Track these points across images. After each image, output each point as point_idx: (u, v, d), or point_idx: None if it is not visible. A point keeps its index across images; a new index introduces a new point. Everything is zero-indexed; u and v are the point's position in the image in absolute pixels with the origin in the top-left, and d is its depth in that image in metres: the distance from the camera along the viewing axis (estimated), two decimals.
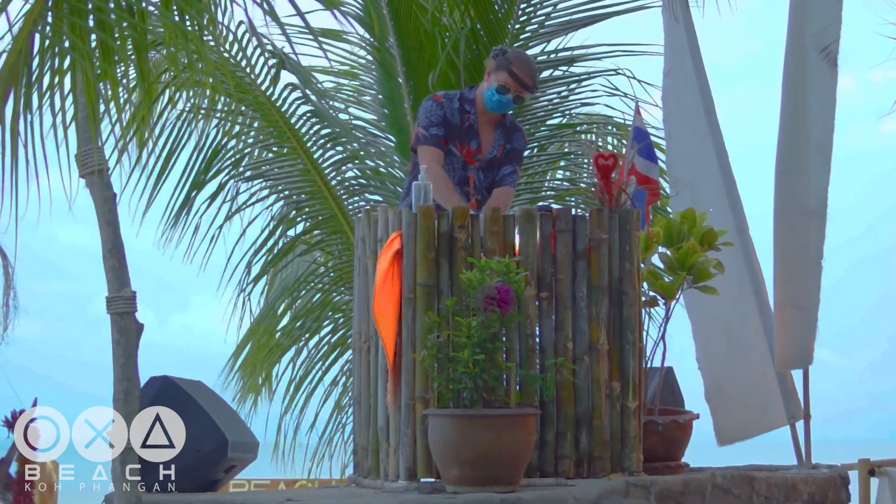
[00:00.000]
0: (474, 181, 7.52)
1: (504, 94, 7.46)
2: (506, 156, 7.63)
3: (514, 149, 7.67)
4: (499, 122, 7.63)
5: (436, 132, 7.49)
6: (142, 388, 6.15)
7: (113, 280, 5.88)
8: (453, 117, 7.53)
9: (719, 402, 8.46)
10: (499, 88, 7.46)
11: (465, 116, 7.54)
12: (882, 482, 9.13)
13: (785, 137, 8.22)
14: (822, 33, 8.11)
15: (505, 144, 7.62)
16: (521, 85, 7.46)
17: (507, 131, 7.64)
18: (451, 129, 7.51)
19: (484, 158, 7.57)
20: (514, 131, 7.70)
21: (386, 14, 10.68)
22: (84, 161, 5.90)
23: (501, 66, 7.46)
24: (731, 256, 8.04)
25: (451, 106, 7.55)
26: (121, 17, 5.62)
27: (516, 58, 7.50)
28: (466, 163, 7.51)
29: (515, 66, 7.45)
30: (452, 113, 7.54)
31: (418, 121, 7.61)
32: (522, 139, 7.75)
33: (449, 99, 7.59)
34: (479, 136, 7.56)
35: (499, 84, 7.46)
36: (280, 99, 10.76)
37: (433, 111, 7.52)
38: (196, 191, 10.78)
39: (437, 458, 6.45)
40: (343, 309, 11.14)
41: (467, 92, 7.63)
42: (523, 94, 7.50)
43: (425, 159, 7.43)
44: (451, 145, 7.50)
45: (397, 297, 6.72)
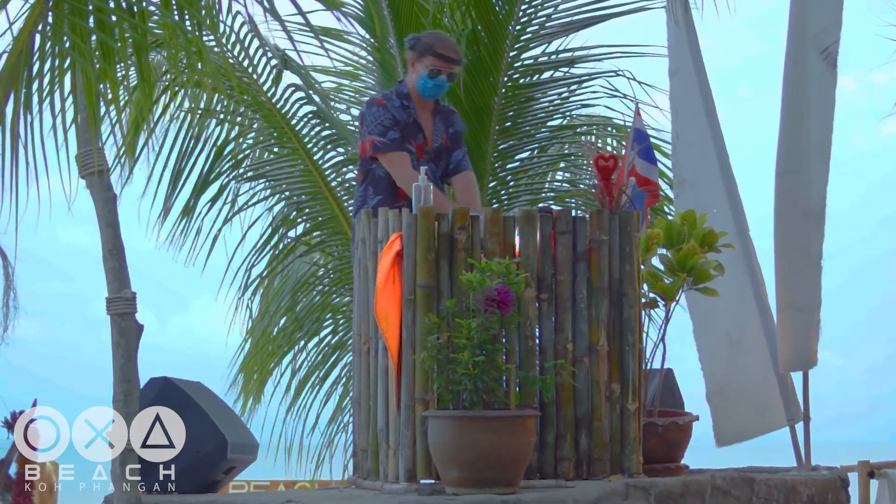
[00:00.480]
0: (429, 175, 7.47)
1: (436, 76, 7.45)
2: (452, 141, 7.62)
3: (457, 132, 7.67)
4: (434, 111, 7.61)
5: (394, 135, 7.44)
6: (142, 390, 6.15)
7: (113, 281, 5.88)
8: (400, 116, 7.50)
9: (719, 404, 8.46)
10: (430, 73, 7.44)
11: (407, 113, 7.52)
12: (881, 484, 9.13)
13: (785, 138, 8.22)
14: (822, 34, 8.11)
15: (447, 130, 7.60)
16: (448, 62, 7.44)
17: (444, 116, 7.63)
18: (403, 128, 7.48)
19: (431, 149, 7.55)
20: (450, 114, 7.70)
21: (387, 15, 10.68)
22: (84, 162, 5.90)
23: (424, 51, 7.44)
24: (731, 258, 8.04)
25: (393, 105, 7.51)
26: (121, 18, 5.63)
27: (434, 38, 7.50)
28: (418, 158, 7.49)
29: (437, 47, 7.43)
30: (398, 112, 7.50)
31: (367, 128, 7.48)
32: (459, 119, 7.74)
33: (389, 99, 7.54)
34: (422, 129, 7.55)
35: (428, 70, 7.44)
36: (281, 100, 10.76)
37: (382, 115, 7.46)
38: (197, 192, 10.78)
39: (437, 460, 6.45)
40: (343, 310, 11.14)
41: (400, 87, 7.59)
42: (454, 70, 7.48)
43: (396, 165, 7.40)
44: (407, 145, 7.49)
45: (399, 298, 6.72)
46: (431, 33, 7.69)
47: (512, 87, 10.76)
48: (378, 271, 6.80)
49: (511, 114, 10.84)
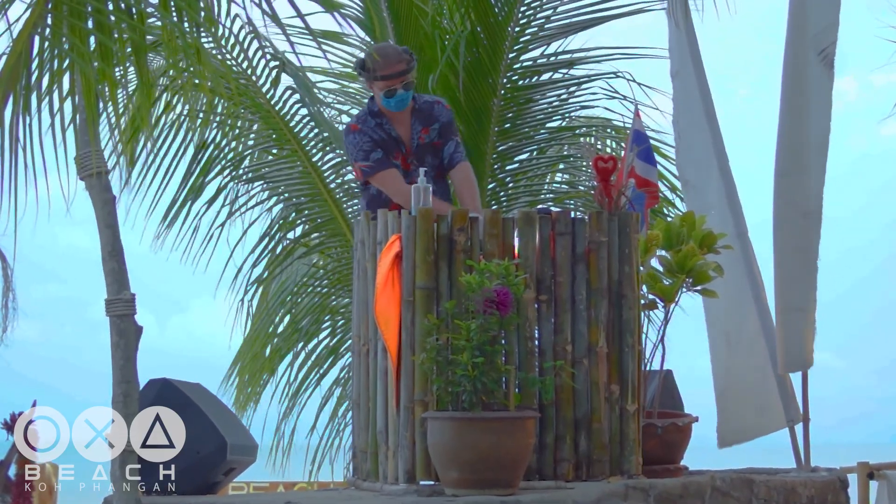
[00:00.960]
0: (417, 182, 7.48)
1: (392, 95, 7.45)
2: (440, 134, 7.59)
3: (443, 123, 7.60)
4: (411, 112, 7.58)
5: (377, 156, 7.47)
6: (141, 391, 6.14)
7: (112, 283, 5.87)
8: (377, 135, 7.51)
9: (721, 405, 8.47)
10: (386, 94, 7.44)
11: (384, 130, 7.52)
12: (881, 485, 9.13)
13: (784, 139, 8.23)
14: (820, 35, 8.12)
15: (427, 127, 7.57)
16: (396, 77, 7.42)
17: (422, 115, 7.57)
18: (383, 146, 7.49)
19: (412, 154, 7.54)
20: (431, 108, 7.62)
21: (386, 17, 10.68)
22: (83, 163, 5.90)
23: (371, 79, 7.46)
24: (730, 260, 8.05)
25: (368, 126, 7.52)
26: (120, 19, 5.63)
27: (375, 62, 7.43)
28: (405, 170, 7.50)
29: (381, 70, 7.40)
30: (374, 132, 7.51)
31: (352, 157, 7.55)
32: (444, 110, 7.65)
33: (363, 121, 7.56)
34: (401, 140, 7.55)
35: (383, 91, 7.44)
36: (280, 101, 10.76)
37: (360, 141, 7.49)
38: (196, 193, 10.78)
39: (436, 461, 6.45)
40: (342, 312, 11.14)
41: (371, 105, 7.59)
42: (406, 78, 7.45)
43: (388, 183, 7.44)
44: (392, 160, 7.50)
45: (399, 299, 6.72)
46: (377, 52, 7.56)
47: (511, 89, 10.76)
48: (377, 273, 6.81)
49: (510, 115, 10.84)
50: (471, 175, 7.67)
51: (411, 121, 7.56)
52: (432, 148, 7.59)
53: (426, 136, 7.56)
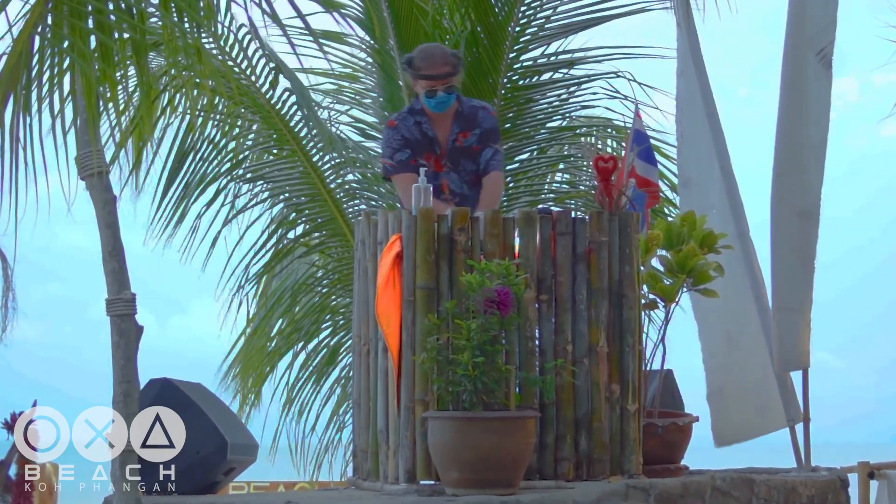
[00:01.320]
0: (447, 186, 7.48)
1: (434, 96, 7.44)
2: (479, 140, 7.57)
3: (485, 130, 7.56)
4: (454, 113, 7.56)
5: (401, 157, 7.48)
6: (142, 391, 6.14)
7: (113, 283, 5.87)
8: (411, 134, 7.50)
9: (719, 404, 8.46)
10: (427, 94, 7.43)
11: (421, 129, 7.51)
12: (881, 485, 9.13)
13: (782, 140, 8.23)
14: (818, 35, 8.12)
15: (467, 131, 7.54)
16: (438, 79, 7.40)
17: (463, 118, 7.53)
18: (415, 145, 7.49)
19: (446, 156, 7.53)
20: (475, 114, 7.57)
21: (386, 17, 10.68)
22: (84, 163, 5.90)
23: (414, 77, 7.45)
24: (731, 259, 8.05)
25: (406, 124, 7.52)
26: (120, 19, 5.63)
27: (421, 60, 7.42)
28: (436, 171, 7.48)
29: (424, 70, 7.39)
30: (409, 130, 7.51)
31: (382, 153, 7.63)
32: (488, 116, 7.60)
33: (402, 118, 7.57)
34: (437, 141, 7.53)
35: (424, 91, 7.44)
36: (279, 102, 10.76)
37: (392, 138, 7.52)
38: (196, 193, 10.79)
39: (437, 461, 6.45)
40: (342, 312, 11.14)
41: (414, 103, 7.59)
42: (450, 82, 7.45)
43: (401, 187, 7.45)
44: (421, 160, 7.48)
45: (400, 299, 6.72)
46: (420, 52, 7.55)
47: (511, 89, 10.76)
48: (378, 272, 6.81)
49: (510, 115, 10.84)
50: (498, 186, 7.62)
51: (451, 123, 7.54)
52: (470, 152, 7.53)
53: (463, 140, 7.53)
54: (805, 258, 8.10)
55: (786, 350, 8.06)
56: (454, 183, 7.48)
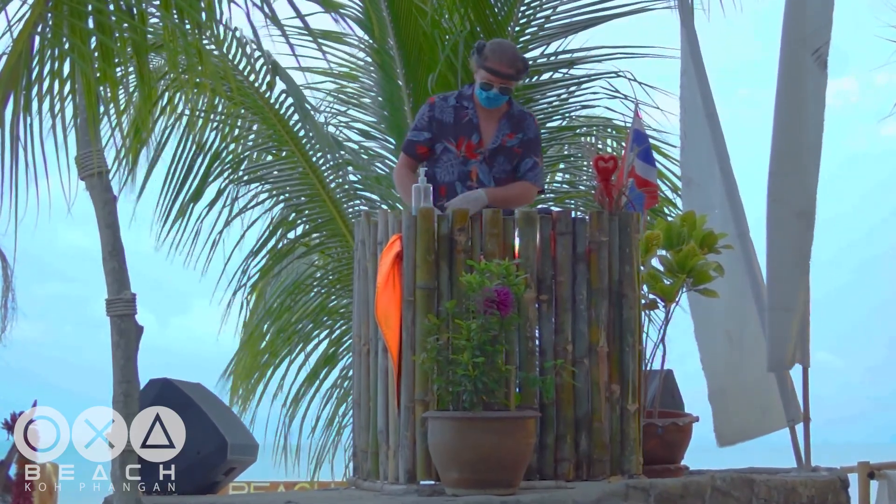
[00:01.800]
0: (477, 174, 7.45)
1: (488, 90, 7.41)
2: (522, 147, 7.55)
3: (529, 139, 7.50)
4: (504, 113, 7.55)
5: (415, 137, 7.47)
6: (142, 391, 6.15)
7: (113, 282, 5.87)
8: (445, 115, 7.47)
9: (720, 404, 8.46)
10: (482, 85, 7.41)
11: (462, 113, 7.49)
12: (881, 485, 9.13)
13: (779, 139, 8.22)
14: (814, 35, 8.13)
15: (513, 133, 7.52)
16: (500, 77, 7.37)
17: (513, 120, 7.51)
18: (443, 127, 7.46)
19: (486, 150, 7.51)
20: (524, 119, 7.54)
21: (386, 16, 10.69)
22: (84, 163, 5.90)
23: (479, 64, 7.39)
24: (732, 259, 8.05)
25: (444, 105, 7.49)
26: (121, 19, 5.63)
27: (492, 51, 7.38)
28: (467, 157, 7.45)
29: (490, 62, 7.35)
30: (445, 111, 7.48)
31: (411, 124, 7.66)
32: (534, 125, 7.57)
33: (444, 98, 7.55)
34: (479, 130, 7.49)
35: (481, 81, 7.43)
36: (278, 103, 10.77)
37: (421, 116, 7.52)
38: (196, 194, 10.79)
39: (437, 461, 6.45)
40: (342, 312, 11.14)
41: (466, 89, 7.58)
42: (507, 84, 7.44)
43: (398, 164, 7.54)
44: (445, 143, 7.46)
45: (399, 299, 6.72)
46: (495, 44, 7.50)
47: None
48: (378, 272, 6.81)
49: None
50: (528, 193, 7.50)
51: (501, 121, 7.49)
52: (510, 153, 7.51)
53: (509, 141, 7.53)
54: (801, 258, 8.10)
55: (780, 350, 8.05)
56: (484, 174, 7.45)
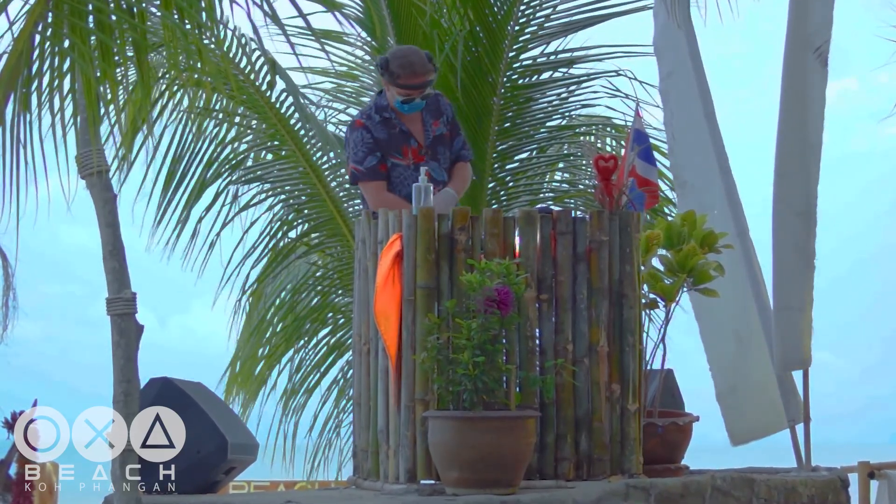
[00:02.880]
0: (430, 176, 7.43)
1: (409, 102, 7.40)
2: (449, 126, 7.57)
3: (450, 116, 7.59)
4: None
5: (371, 163, 7.41)
6: (142, 390, 6.14)
7: (113, 281, 5.87)
8: (380, 133, 7.44)
9: (732, 403, 8.46)
10: (404, 101, 7.40)
11: (391, 124, 7.47)
12: (882, 485, 9.15)
13: (783, 139, 8.23)
14: (815, 34, 8.14)
15: (437, 120, 7.52)
16: (416, 88, 7.36)
17: (430, 107, 7.52)
18: (384, 145, 7.45)
19: (427, 147, 7.52)
20: (438, 100, 7.57)
21: (386, 16, 10.69)
22: (84, 162, 5.89)
23: (390, 82, 7.37)
24: (734, 259, 8.07)
25: (373, 124, 7.45)
26: (121, 18, 5.63)
27: (398, 67, 7.32)
28: (416, 162, 7.46)
29: (402, 79, 7.32)
30: (377, 129, 7.45)
31: (348, 154, 7.51)
32: (447, 102, 7.62)
33: (368, 117, 7.48)
34: (412, 134, 7.51)
35: (401, 98, 7.37)
36: (278, 102, 10.77)
37: (361, 141, 7.43)
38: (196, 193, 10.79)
39: (437, 461, 6.45)
40: (342, 311, 11.14)
41: (379, 99, 7.51)
42: (426, 89, 7.40)
43: (370, 195, 7.41)
44: (391, 159, 7.45)
45: (399, 298, 6.72)
46: (397, 57, 7.41)
47: (511, 88, 10.77)
48: (378, 271, 6.80)
49: (510, 114, 10.84)
50: (468, 172, 7.65)
51: (423, 115, 7.51)
52: (444, 139, 7.56)
53: (436, 129, 7.54)
54: (806, 257, 8.11)
55: (787, 350, 8.06)
56: (435, 171, 7.46)
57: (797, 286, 8.09)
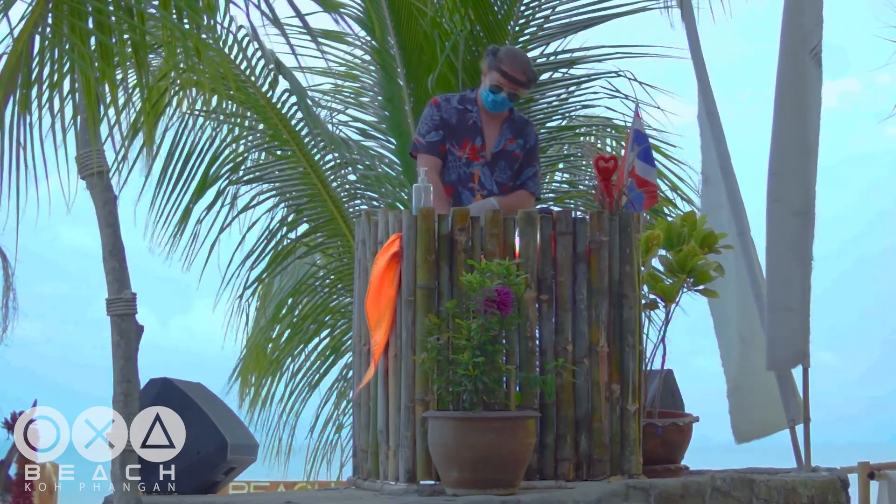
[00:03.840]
0: (479, 177, 7.48)
1: (497, 93, 7.44)
2: (525, 155, 7.60)
3: (531, 147, 7.62)
4: (506, 118, 7.59)
5: (432, 138, 7.49)
6: (142, 390, 6.15)
7: (113, 282, 5.88)
8: (451, 117, 7.52)
9: (737, 401, 8.48)
10: (492, 88, 7.45)
11: (467, 115, 7.52)
12: (882, 485, 9.15)
13: (778, 138, 8.23)
14: (809, 34, 8.15)
15: (514, 139, 7.57)
16: (512, 82, 7.42)
17: (515, 126, 7.58)
18: (451, 129, 7.51)
19: (489, 154, 7.54)
20: (525, 126, 7.65)
21: (387, 15, 10.69)
22: (84, 163, 5.90)
23: (492, 66, 7.44)
24: (738, 259, 8.10)
25: (448, 106, 7.54)
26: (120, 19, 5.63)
27: (506, 55, 7.47)
28: (470, 160, 7.49)
29: (505, 65, 7.42)
30: (450, 113, 7.52)
31: (418, 128, 7.64)
32: (534, 133, 7.70)
33: (447, 100, 7.59)
34: (482, 134, 7.53)
35: (491, 84, 7.45)
36: (279, 102, 10.76)
37: (430, 117, 7.54)
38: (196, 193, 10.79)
39: (437, 461, 6.45)
40: (343, 312, 11.14)
41: (469, 92, 7.63)
42: (517, 91, 7.48)
43: (422, 167, 7.44)
44: (450, 145, 7.50)
45: (391, 299, 6.71)
46: (509, 50, 7.64)
47: None
48: (372, 271, 6.80)
49: None
50: (527, 203, 7.54)
51: (503, 126, 7.55)
52: (511, 157, 7.55)
53: (510, 146, 7.56)
54: (802, 257, 8.11)
55: (779, 348, 8.06)
56: (486, 177, 7.50)
57: (792, 286, 8.09)
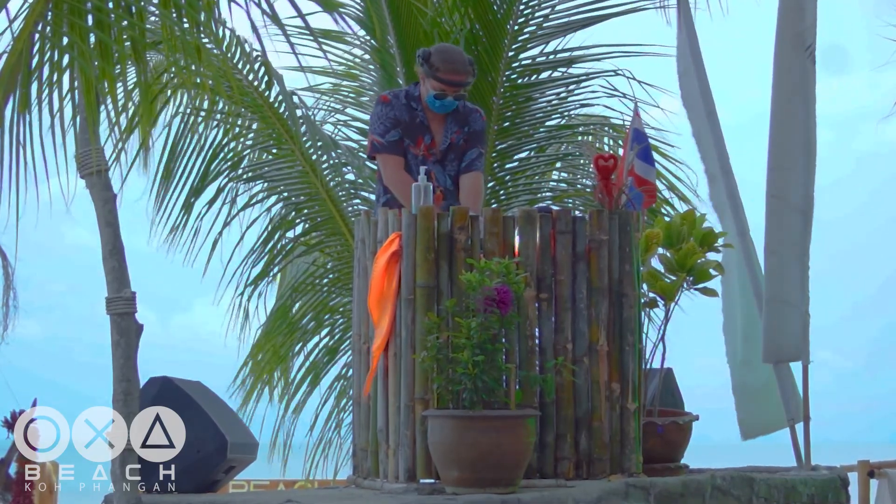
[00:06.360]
0: (434, 175, 7.46)
1: (441, 98, 7.42)
2: (467, 140, 7.57)
3: (474, 131, 7.57)
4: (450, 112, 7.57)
5: (392, 137, 7.45)
6: (142, 389, 6.15)
7: (112, 281, 5.88)
8: (403, 115, 7.47)
9: (742, 398, 8.48)
10: (436, 95, 7.42)
11: (413, 113, 7.50)
12: (881, 484, 9.15)
13: (776, 135, 8.24)
14: (805, 32, 8.15)
15: (461, 129, 7.56)
16: (454, 85, 7.39)
17: (459, 117, 7.54)
18: (405, 127, 7.46)
19: (438, 150, 7.53)
20: (469, 114, 7.58)
21: (386, 15, 10.69)
22: (83, 162, 5.90)
23: (429, 75, 7.39)
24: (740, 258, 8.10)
25: (399, 103, 7.48)
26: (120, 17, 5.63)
27: (440, 62, 7.36)
28: (424, 157, 7.47)
29: (442, 73, 7.35)
30: (401, 110, 7.46)
31: (371, 128, 7.56)
32: (480, 119, 7.62)
33: (396, 97, 7.52)
34: (430, 130, 7.52)
35: (435, 92, 7.42)
36: (277, 101, 10.77)
37: (384, 115, 7.46)
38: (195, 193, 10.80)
39: (437, 460, 6.45)
40: (342, 311, 11.14)
41: (412, 89, 7.55)
42: (461, 91, 7.44)
43: (388, 167, 7.42)
44: (407, 144, 7.47)
45: (392, 297, 6.71)
46: (440, 52, 7.48)
47: (510, 87, 10.77)
48: (373, 270, 6.80)
49: (509, 114, 10.85)
50: (480, 185, 7.60)
51: (447, 120, 7.52)
52: (457, 149, 7.55)
53: (456, 137, 7.55)
54: (800, 254, 8.12)
55: (777, 342, 8.07)
56: (439, 174, 7.48)
57: (788, 281, 8.10)
